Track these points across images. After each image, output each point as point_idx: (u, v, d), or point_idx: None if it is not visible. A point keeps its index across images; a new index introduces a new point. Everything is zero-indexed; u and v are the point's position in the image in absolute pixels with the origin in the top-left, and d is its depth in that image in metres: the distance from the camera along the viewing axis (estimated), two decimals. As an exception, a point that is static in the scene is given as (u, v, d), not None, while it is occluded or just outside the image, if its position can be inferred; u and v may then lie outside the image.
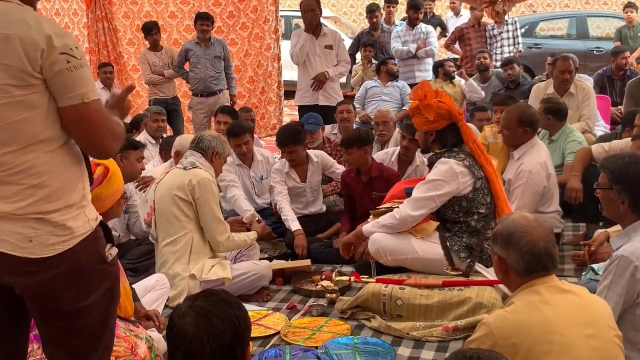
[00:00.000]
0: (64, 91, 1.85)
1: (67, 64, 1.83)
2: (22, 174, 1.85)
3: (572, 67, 5.99)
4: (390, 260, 3.95)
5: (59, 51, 1.83)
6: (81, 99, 1.86)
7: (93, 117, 1.91)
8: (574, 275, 4.08)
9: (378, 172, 4.77)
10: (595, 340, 2.03)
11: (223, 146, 4.20)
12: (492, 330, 2.04)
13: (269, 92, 8.88)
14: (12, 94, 1.82)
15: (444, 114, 3.88)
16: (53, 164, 1.90)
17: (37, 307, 1.96)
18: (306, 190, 5.16)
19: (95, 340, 2.04)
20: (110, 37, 8.92)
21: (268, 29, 8.66)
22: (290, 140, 4.93)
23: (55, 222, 1.89)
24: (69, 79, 1.84)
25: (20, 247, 1.86)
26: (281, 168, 5.10)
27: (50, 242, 1.88)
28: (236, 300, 1.80)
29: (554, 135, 5.24)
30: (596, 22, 11.84)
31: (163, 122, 6.53)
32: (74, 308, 1.94)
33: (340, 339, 3.40)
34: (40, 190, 1.87)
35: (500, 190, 3.92)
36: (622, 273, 2.49)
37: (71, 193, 1.94)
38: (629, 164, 2.65)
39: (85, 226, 1.96)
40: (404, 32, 8.67)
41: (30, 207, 1.86)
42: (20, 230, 1.86)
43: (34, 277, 1.88)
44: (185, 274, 3.90)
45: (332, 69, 6.59)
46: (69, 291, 1.93)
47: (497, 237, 2.23)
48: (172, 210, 3.95)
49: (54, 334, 1.98)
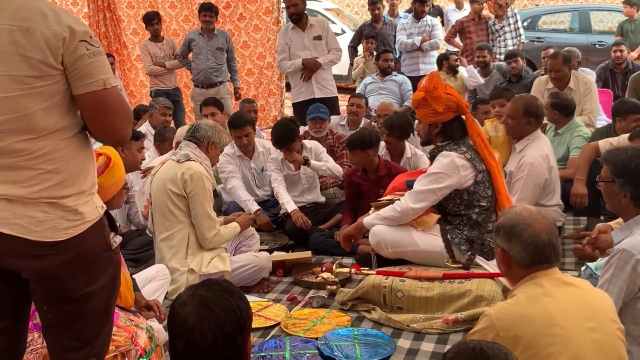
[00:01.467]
0: (85, 77, 1.88)
1: (87, 51, 1.87)
2: (38, 159, 1.88)
3: (560, 65, 6.05)
4: (391, 253, 3.95)
5: (79, 38, 1.86)
6: (103, 85, 1.90)
7: (114, 102, 1.94)
8: (574, 268, 4.09)
9: (386, 170, 4.76)
10: (597, 333, 2.03)
11: (219, 135, 4.14)
12: (493, 322, 2.04)
13: (269, 84, 8.85)
14: (32, 85, 1.84)
15: (452, 106, 3.86)
16: (69, 150, 1.93)
17: (44, 291, 1.97)
18: (300, 177, 5.16)
19: (98, 326, 2.06)
20: (113, 27, 8.90)
21: (270, 21, 8.62)
22: (286, 141, 4.91)
23: (68, 207, 1.91)
24: (90, 65, 1.87)
25: (32, 230, 1.87)
26: (277, 156, 5.13)
27: (63, 226, 1.90)
28: (238, 290, 1.79)
29: (560, 129, 5.24)
30: (599, 15, 11.79)
31: (170, 116, 6.56)
32: (80, 293, 1.96)
33: (341, 330, 3.41)
34: (55, 176, 1.89)
35: (501, 184, 3.92)
36: (623, 266, 2.49)
37: (84, 180, 1.97)
38: (632, 157, 2.64)
39: (94, 212, 1.99)
40: (409, 24, 8.68)
41: (44, 192, 1.88)
42: (33, 214, 1.88)
43: (44, 260, 1.90)
44: (184, 269, 3.89)
45: (322, 57, 6.56)
46: (77, 276, 1.95)
47: (500, 230, 2.22)
48: (167, 204, 3.93)
49: (59, 319, 2.00)
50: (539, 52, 9.66)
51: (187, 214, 3.95)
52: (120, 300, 2.80)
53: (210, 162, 4.10)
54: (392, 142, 5.10)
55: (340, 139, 5.72)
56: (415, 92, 4.00)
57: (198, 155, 4.02)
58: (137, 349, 2.59)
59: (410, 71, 8.48)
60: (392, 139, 5.08)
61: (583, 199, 4.38)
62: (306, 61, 6.48)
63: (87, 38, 1.87)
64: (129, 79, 8.96)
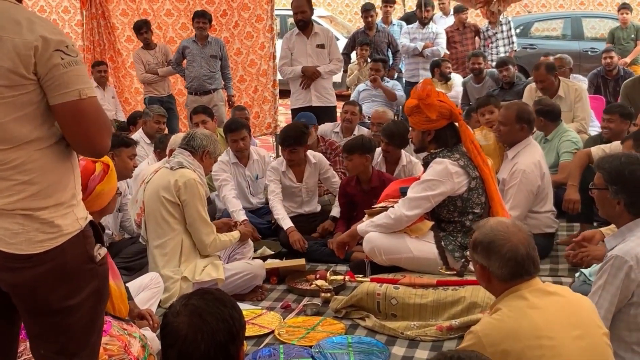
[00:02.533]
0: (60, 87, 1.84)
1: (61, 60, 1.83)
2: (13, 170, 1.86)
3: (543, 75, 6.10)
4: (385, 260, 3.94)
5: (53, 47, 1.82)
6: (78, 95, 1.86)
7: (91, 113, 1.90)
8: (567, 275, 4.10)
9: (379, 181, 4.74)
10: (584, 340, 2.03)
11: (214, 145, 4.14)
12: (480, 338, 2.03)
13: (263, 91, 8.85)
14: (1, 95, 1.82)
15: (445, 113, 3.87)
16: (44, 162, 1.90)
17: (24, 304, 1.96)
18: (302, 190, 5.15)
19: (83, 339, 2.03)
20: (107, 35, 8.87)
21: (262, 28, 8.63)
22: (293, 141, 4.90)
23: (43, 219, 1.89)
24: (65, 75, 1.84)
25: (7, 242, 1.86)
26: (278, 167, 5.09)
27: (38, 239, 1.88)
28: (230, 299, 1.79)
29: (548, 135, 5.27)
30: (591, 22, 11.87)
31: (164, 124, 6.55)
32: (61, 306, 1.94)
33: (335, 338, 3.40)
34: (30, 187, 1.87)
35: (495, 190, 3.93)
36: (616, 273, 2.49)
37: (62, 191, 1.94)
38: (626, 164, 2.64)
39: (74, 225, 1.95)
40: (414, 29, 8.82)
41: (19, 203, 1.86)
42: (8, 226, 1.86)
43: (20, 273, 1.88)
44: (177, 277, 3.88)
45: (322, 66, 6.57)
46: (56, 289, 1.92)
47: (477, 246, 2.20)
48: (160, 212, 3.92)
49: (41, 332, 1.98)
50: (531, 59, 9.72)
51: (180, 222, 3.94)
52: (113, 311, 2.79)
53: (204, 170, 4.09)
54: (391, 150, 5.09)
55: (333, 146, 5.72)
56: (408, 99, 4.01)
57: (191, 163, 4.01)
58: (130, 358, 2.58)
59: (410, 76, 8.57)
60: (390, 148, 5.06)
61: (576, 205, 4.39)
62: (306, 69, 6.50)
63: (62, 47, 1.84)
64: (123, 87, 8.94)
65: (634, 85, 6.31)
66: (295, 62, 6.61)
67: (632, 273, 2.46)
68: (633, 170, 2.61)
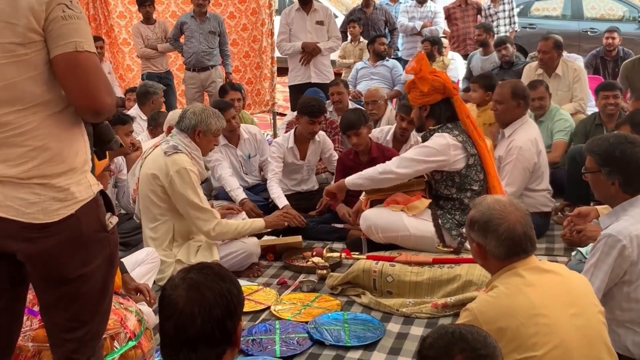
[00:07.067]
0: (58, 39, 1.84)
1: (62, 13, 1.83)
2: (25, 135, 1.85)
3: (549, 47, 6.06)
4: (382, 238, 3.96)
5: (57, 2, 1.83)
6: (75, 47, 1.84)
7: (89, 67, 1.87)
8: (563, 254, 4.12)
9: (379, 152, 4.72)
10: (579, 318, 2.04)
11: (207, 122, 3.90)
12: (476, 316, 2.03)
13: (263, 68, 8.81)
14: (15, 53, 1.82)
15: (439, 87, 3.87)
16: (56, 126, 1.90)
17: (40, 273, 1.96)
18: (303, 167, 5.15)
19: (95, 306, 2.05)
20: (102, 10, 8.79)
21: (263, 4, 8.55)
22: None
23: (59, 187, 1.89)
24: (64, 27, 1.83)
25: (24, 212, 1.86)
26: (283, 142, 5.06)
27: (54, 207, 1.88)
28: (230, 274, 1.79)
29: (542, 117, 5.30)
30: (591, 2, 11.76)
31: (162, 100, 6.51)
32: (76, 275, 1.95)
33: (331, 314, 3.43)
34: (43, 153, 1.87)
35: (492, 165, 3.95)
36: (609, 251, 2.51)
37: (74, 156, 1.94)
38: (615, 144, 2.65)
39: (87, 191, 1.96)
40: (412, 8, 8.76)
41: (34, 170, 1.86)
42: (24, 196, 1.86)
43: (36, 243, 1.88)
44: (171, 260, 3.87)
45: (322, 43, 6.52)
46: (72, 258, 1.93)
47: (473, 224, 2.20)
48: (150, 196, 3.90)
49: (55, 301, 1.99)
50: (531, 39, 9.66)
51: (170, 208, 3.89)
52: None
53: (201, 151, 3.98)
54: (409, 128, 4.99)
55: (333, 124, 5.70)
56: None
57: (188, 146, 3.90)
58: (127, 332, 2.59)
59: (408, 55, 8.54)
60: (410, 126, 4.93)
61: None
62: (306, 44, 6.45)
63: (66, 1, 1.84)
64: (117, 62, 8.87)
65: (633, 66, 6.28)
66: (294, 38, 6.56)
67: (624, 251, 2.48)
68: (623, 150, 2.62)
